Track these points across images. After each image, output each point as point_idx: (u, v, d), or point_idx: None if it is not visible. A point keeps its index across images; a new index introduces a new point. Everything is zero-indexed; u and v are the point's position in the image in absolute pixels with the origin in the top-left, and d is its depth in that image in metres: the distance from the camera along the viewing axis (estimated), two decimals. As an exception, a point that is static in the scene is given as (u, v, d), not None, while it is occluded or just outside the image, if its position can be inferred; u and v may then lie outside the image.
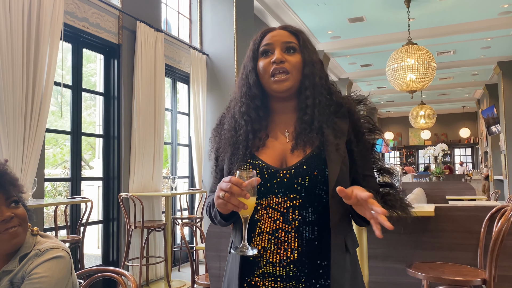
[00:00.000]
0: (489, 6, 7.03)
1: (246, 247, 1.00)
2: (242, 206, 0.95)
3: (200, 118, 5.64)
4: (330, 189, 1.04)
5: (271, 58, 1.13)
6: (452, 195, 6.29)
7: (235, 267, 1.11)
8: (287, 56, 1.13)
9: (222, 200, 0.96)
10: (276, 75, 1.12)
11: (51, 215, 4.04)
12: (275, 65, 1.12)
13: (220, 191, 0.96)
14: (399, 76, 6.20)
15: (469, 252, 2.63)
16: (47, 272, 1.17)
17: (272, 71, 1.12)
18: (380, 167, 1.20)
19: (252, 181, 0.97)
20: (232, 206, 0.95)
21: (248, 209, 0.96)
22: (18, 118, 3.13)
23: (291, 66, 1.12)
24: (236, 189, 0.94)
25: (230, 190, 0.94)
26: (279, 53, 1.12)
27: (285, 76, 1.11)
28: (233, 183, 0.94)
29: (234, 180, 0.94)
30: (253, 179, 0.97)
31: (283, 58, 1.12)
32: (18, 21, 3.17)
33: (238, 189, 0.94)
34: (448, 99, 15.49)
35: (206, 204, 1.22)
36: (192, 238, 5.59)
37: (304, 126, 1.12)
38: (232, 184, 0.94)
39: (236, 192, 0.94)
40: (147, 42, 4.66)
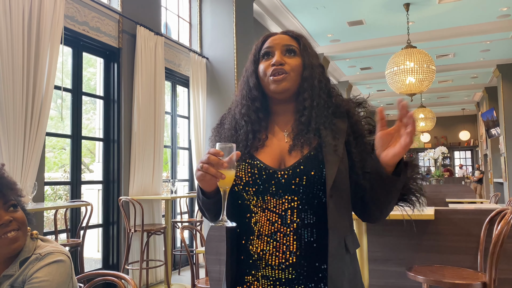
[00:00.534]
0: (488, 9, 7.06)
1: (225, 219, 1.01)
2: (219, 176, 0.97)
3: (200, 121, 5.65)
4: (328, 189, 1.04)
5: (271, 61, 1.15)
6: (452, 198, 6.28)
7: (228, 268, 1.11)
8: (286, 58, 1.15)
9: (201, 172, 0.98)
10: (275, 76, 1.13)
11: (51, 219, 4.03)
12: (274, 67, 1.13)
13: (199, 163, 0.99)
14: (399, 79, 6.22)
15: (469, 255, 2.63)
16: (47, 276, 1.17)
17: (271, 73, 1.14)
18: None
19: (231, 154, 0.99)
20: (210, 176, 0.97)
21: (226, 179, 0.99)
22: (18, 122, 3.14)
23: (290, 68, 1.13)
24: (214, 159, 0.96)
25: (208, 160, 0.96)
26: (279, 56, 1.14)
27: (283, 76, 1.12)
28: (211, 153, 0.97)
29: (212, 150, 0.97)
30: (233, 152, 0.99)
31: (283, 61, 1.14)
32: (19, 25, 3.18)
33: (215, 159, 0.96)
34: (448, 102, 15.51)
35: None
36: (192, 241, 5.58)
37: (301, 127, 1.12)
38: (210, 155, 0.97)
39: (214, 162, 0.96)
40: (147, 45, 4.68)
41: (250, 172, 1.10)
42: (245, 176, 1.10)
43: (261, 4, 6.61)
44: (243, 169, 1.11)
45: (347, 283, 1.06)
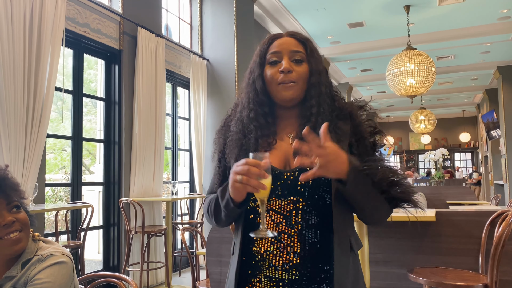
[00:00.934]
0: (488, 11, 7.07)
1: (265, 229, 0.99)
2: (261, 187, 0.95)
3: (201, 123, 5.65)
4: (333, 190, 1.05)
5: (279, 67, 1.14)
6: (452, 200, 6.28)
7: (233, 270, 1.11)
8: (294, 66, 1.14)
9: (240, 184, 0.96)
10: (283, 84, 1.13)
11: (52, 220, 4.03)
12: (283, 74, 1.13)
13: (236, 175, 0.96)
14: (399, 81, 6.23)
15: (470, 257, 2.63)
16: (49, 277, 1.17)
17: (279, 80, 1.13)
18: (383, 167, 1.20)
19: (267, 161, 0.97)
20: (251, 188, 0.95)
21: (266, 189, 0.96)
22: (19, 123, 3.14)
23: (298, 76, 1.14)
24: (255, 170, 0.94)
25: (248, 171, 0.94)
26: (287, 63, 1.14)
27: (290, 85, 1.13)
28: (251, 164, 0.95)
29: (252, 161, 0.95)
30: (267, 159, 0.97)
31: (291, 68, 1.13)
32: (20, 26, 3.18)
33: (257, 170, 0.94)
34: (448, 104, 15.52)
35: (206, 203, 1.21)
36: (193, 243, 5.58)
37: None
38: (250, 166, 0.94)
39: (255, 172, 0.94)
40: (148, 47, 4.68)
41: None
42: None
43: (262, 6, 6.62)
44: None
45: (350, 283, 1.06)
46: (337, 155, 0.97)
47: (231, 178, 0.99)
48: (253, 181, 0.95)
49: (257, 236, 1.00)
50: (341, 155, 0.98)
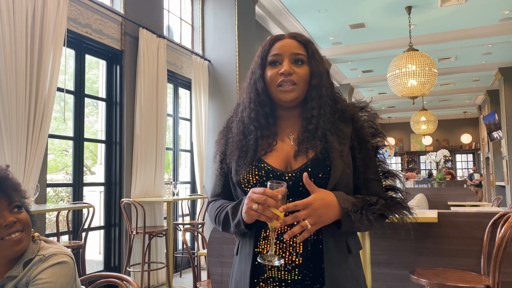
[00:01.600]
0: (490, 12, 7.06)
1: (273, 256, 1.01)
2: (275, 218, 0.97)
3: (202, 123, 5.65)
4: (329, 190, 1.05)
5: (279, 69, 1.14)
6: (454, 201, 6.27)
7: (244, 268, 1.11)
8: (295, 68, 1.14)
9: (255, 212, 0.98)
10: (283, 85, 1.13)
11: (53, 221, 4.04)
12: (283, 76, 1.13)
13: (252, 203, 0.98)
14: (401, 82, 6.22)
15: (472, 259, 2.62)
16: (51, 277, 1.17)
17: (279, 82, 1.14)
18: (385, 170, 1.20)
19: (283, 192, 0.98)
20: (266, 218, 0.98)
21: (280, 220, 0.98)
22: (21, 124, 3.14)
23: (299, 78, 1.14)
24: (272, 202, 0.96)
25: (264, 202, 0.96)
26: (288, 65, 1.14)
27: (291, 87, 1.13)
28: (268, 195, 0.96)
29: (269, 192, 0.97)
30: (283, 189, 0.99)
31: (291, 70, 1.13)
32: (22, 27, 3.19)
33: (273, 202, 0.96)
34: (450, 105, 15.51)
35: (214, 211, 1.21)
36: (194, 243, 5.58)
37: (307, 134, 1.13)
38: (267, 196, 0.96)
39: (272, 205, 0.96)
40: (149, 48, 4.69)
41: (258, 175, 1.11)
42: (252, 179, 1.11)
43: (263, 7, 6.62)
44: (250, 172, 1.12)
45: (350, 284, 1.06)
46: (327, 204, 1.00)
47: (247, 204, 1.01)
48: (268, 212, 0.97)
49: (263, 262, 1.01)
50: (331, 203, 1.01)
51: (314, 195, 1.00)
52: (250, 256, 1.09)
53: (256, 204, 0.97)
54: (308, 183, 1.00)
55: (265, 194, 0.96)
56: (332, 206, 1.01)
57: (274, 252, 1.03)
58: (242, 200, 1.08)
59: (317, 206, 0.98)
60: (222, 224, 1.16)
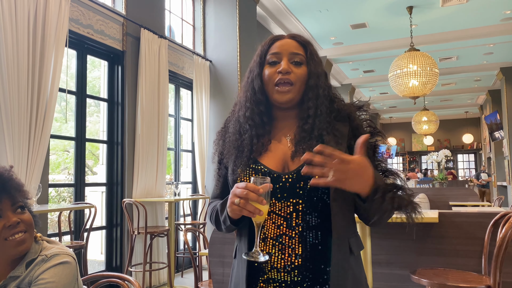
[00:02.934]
0: (491, 12, 7.05)
1: (258, 253, 1.00)
2: (257, 212, 0.96)
3: (203, 124, 5.66)
4: (332, 192, 1.05)
5: (278, 68, 1.14)
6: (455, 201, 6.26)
7: (241, 272, 1.11)
8: (293, 67, 1.14)
9: (237, 207, 0.97)
10: (280, 85, 1.13)
11: (55, 221, 4.05)
12: (280, 75, 1.13)
13: (235, 197, 0.98)
14: (402, 82, 6.22)
15: (473, 259, 2.62)
16: (53, 277, 1.17)
17: (277, 81, 1.14)
18: (383, 169, 1.20)
19: (266, 187, 0.97)
20: (248, 212, 0.97)
21: (262, 215, 0.97)
22: (23, 124, 3.15)
23: (296, 78, 1.14)
24: (253, 196, 0.95)
25: (246, 196, 0.95)
26: (286, 64, 1.14)
27: (288, 88, 1.13)
28: (250, 189, 0.95)
29: (251, 186, 0.96)
30: (267, 184, 0.97)
31: (289, 69, 1.13)
32: (24, 28, 3.20)
33: (254, 196, 0.95)
34: (451, 105, 15.49)
35: (209, 210, 1.23)
36: (195, 244, 5.59)
37: (303, 134, 1.13)
38: (248, 191, 0.95)
39: (253, 198, 0.95)
40: (151, 48, 4.70)
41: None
42: (249, 181, 1.11)
43: (265, 7, 6.62)
44: (247, 174, 1.11)
45: (352, 284, 1.06)
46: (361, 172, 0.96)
47: (230, 199, 1.00)
48: (250, 206, 0.96)
49: (249, 258, 1.01)
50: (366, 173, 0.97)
51: (356, 157, 0.95)
52: (246, 260, 1.09)
53: (238, 198, 0.96)
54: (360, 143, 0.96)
55: (247, 188, 0.95)
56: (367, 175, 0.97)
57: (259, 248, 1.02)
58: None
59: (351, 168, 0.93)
60: (215, 223, 1.17)
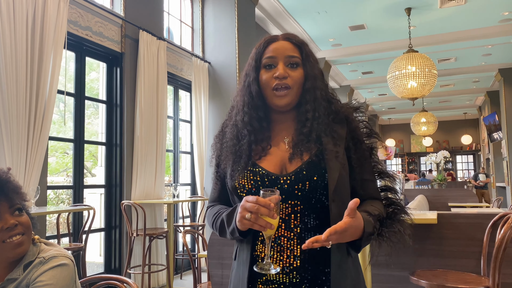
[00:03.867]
0: (490, 13, 7.07)
1: (269, 265, 1.00)
2: (269, 227, 0.96)
3: (202, 125, 5.66)
4: (330, 193, 1.05)
5: (274, 73, 1.13)
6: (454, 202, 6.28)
7: (242, 274, 1.11)
8: (289, 71, 1.14)
9: (248, 221, 0.97)
10: (278, 90, 1.13)
11: (54, 223, 4.04)
12: (278, 80, 1.13)
13: (245, 212, 0.97)
14: (400, 83, 6.23)
15: (472, 260, 2.62)
16: (51, 279, 1.17)
17: (274, 86, 1.13)
18: (380, 170, 1.21)
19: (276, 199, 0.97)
20: (259, 226, 0.97)
21: (274, 228, 0.98)
22: (21, 126, 3.15)
23: (293, 82, 1.13)
24: (265, 211, 0.95)
25: (257, 211, 0.95)
26: (282, 69, 1.13)
27: (285, 92, 1.13)
28: (261, 204, 0.95)
29: (262, 201, 0.95)
30: (277, 197, 0.97)
31: (286, 74, 1.13)
32: (22, 29, 3.20)
33: (266, 210, 0.95)
34: (450, 106, 15.51)
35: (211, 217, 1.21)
36: (194, 245, 5.58)
37: (301, 137, 1.13)
38: (259, 205, 0.95)
39: (264, 213, 0.95)
40: (149, 50, 4.70)
41: (253, 179, 1.10)
42: (247, 183, 1.10)
43: (263, 9, 6.63)
44: (245, 177, 1.11)
45: (351, 286, 1.07)
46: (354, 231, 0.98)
47: (240, 213, 1.00)
48: (261, 221, 0.96)
49: (260, 271, 1.01)
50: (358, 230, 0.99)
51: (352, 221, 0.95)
52: (247, 261, 1.09)
53: (249, 213, 0.96)
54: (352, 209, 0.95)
55: (258, 203, 0.95)
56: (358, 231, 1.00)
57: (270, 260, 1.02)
58: (237, 207, 1.08)
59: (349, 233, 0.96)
60: (219, 231, 1.17)
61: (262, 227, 0.96)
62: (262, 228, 0.97)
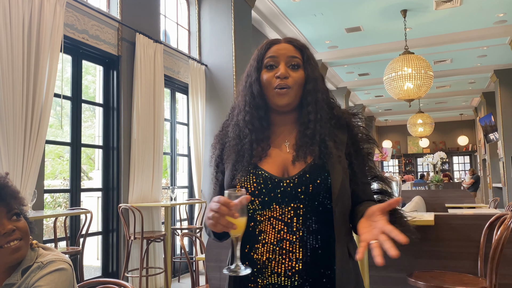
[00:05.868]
0: (485, 15, 7.11)
1: (239, 267, 0.99)
2: (231, 226, 0.95)
3: (199, 128, 5.66)
4: (334, 197, 1.05)
5: (276, 72, 1.15)
6: (451, 203, 6.29)
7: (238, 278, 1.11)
8: (291, 71, 1.15)
9: (211, 221, 0.96)
10: (279, 89, 1.14)
11: (51, 227, 4.03)
12: (279, 80, 1.14)
13: (210, 212, 0.97)
14: (397, 85, 6.25)
15: (469, 261, 2.63)
16: (49, 284, 1.17)
17: (275, 85, 1.14)
18: (374, 174, 1.22)
19: (242, 200, 0.96)
20: (222, 226, 0.96)
21: (237, 229, 0.96)
22: (18, 130, 3.14)
23: (294, 82, 1.15)
24: (224, 209, 0.94)
25: (218, 210, 0.94)
26: (284, 68, 1.15)
27: (285, 90, 1.14)
28: (222, 203, 0.95)
29: (223, 200, 0.95)
30: (242, 197, 0.96)
31: (287, 74, 1.14)
32: (19, 33, 3.19)
33: (226, 209, 0.94)
34: (446, 107, 15.56)
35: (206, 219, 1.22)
36: (192, 248, 5.57)
37: (305, 139, 1.13)
38: (221, 205, 0.94)
39: (224, 212, 0.94)
40: (146, 53, 4.70)
41: (256, 182, 1.11)
42: (250, 186, 1.11)
43: (260, 11, 6.64)
44: (248, 180, 1.11)
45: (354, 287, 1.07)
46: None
47: (206, 213, 1.00)
48: (223, 220, 0.95)
49: (230, 273, 0.99)
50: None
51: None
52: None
53: (212, 212, 0.96)
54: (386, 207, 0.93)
55: (219, 202, 0.95)
56: None
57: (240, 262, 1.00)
58: None
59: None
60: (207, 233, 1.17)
61: (224, 226, 0.95)
62: (224, 228, 0.96)
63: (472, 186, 12.39)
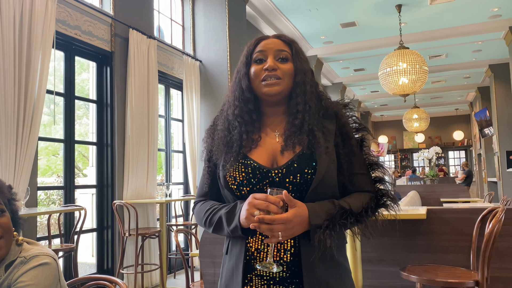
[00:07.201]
0: (479, 10, 7.12)
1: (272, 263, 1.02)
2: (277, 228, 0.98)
3: (194, 124, 5.64)
4: (313, 186, 1.06)
5: (264, 65, 1.16)
6: (446, 198, 6.33)
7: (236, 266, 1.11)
8: (279, 64, 1.17)
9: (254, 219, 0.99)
10: (267, 80, 1.15)
11: (45, 224, 4.01)
12: (267, 72, 1.15)
13: (253, 209, 0.99)
14: (392, 80, 6.25)
15: (462, 254, 2.65)
16: (32, 280, 1.15)
17: (263, 77, 1.16)
18: (371, 162, 1.22)
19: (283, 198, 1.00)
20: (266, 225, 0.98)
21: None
22: (10, 127, 3.12)
23: (283, 73, 1.16)
24: (274, 208, 0.98)
25: (267, 209, 0.98)
26: (272, 61, 1.16)
27: (275, 81, 1.15)
28: (271, 202, 0.98)
29: (272, 199, 0.98)
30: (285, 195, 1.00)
31: (275, 66, 1.15)
32: (10, 29, 3.17)
33: (276, 208, 0.98)
34: (441, 102, 15.60)
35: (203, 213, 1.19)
36: (187, 244, 5.57)
37: (294, 129, 1.14)
38: (269, 203, 0.98)
39: (274, 211, 0.98)
40: (140, 49, 4.67)
41: (244, 172, 1.11)
42: (239, 176, 1.11)
43: (254, 6, 6.62)
44: (237, 169, 1.12)
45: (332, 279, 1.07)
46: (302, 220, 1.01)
47: (247, 210, 1.01)
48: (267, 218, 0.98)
49: (263, 269, 1.02)
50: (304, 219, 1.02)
51: (294, 211, 1.00)
52: (242, 254, 1.10)
53: (258, 210, 0.98)
54: (289, 199, 1.00)
55: (268, 201, 0.98)
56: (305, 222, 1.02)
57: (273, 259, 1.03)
58: (237, 204, 1.09)
59: (294, 223, 1.00)
60: (213, 228, 1.15)
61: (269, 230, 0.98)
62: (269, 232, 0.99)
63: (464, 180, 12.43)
